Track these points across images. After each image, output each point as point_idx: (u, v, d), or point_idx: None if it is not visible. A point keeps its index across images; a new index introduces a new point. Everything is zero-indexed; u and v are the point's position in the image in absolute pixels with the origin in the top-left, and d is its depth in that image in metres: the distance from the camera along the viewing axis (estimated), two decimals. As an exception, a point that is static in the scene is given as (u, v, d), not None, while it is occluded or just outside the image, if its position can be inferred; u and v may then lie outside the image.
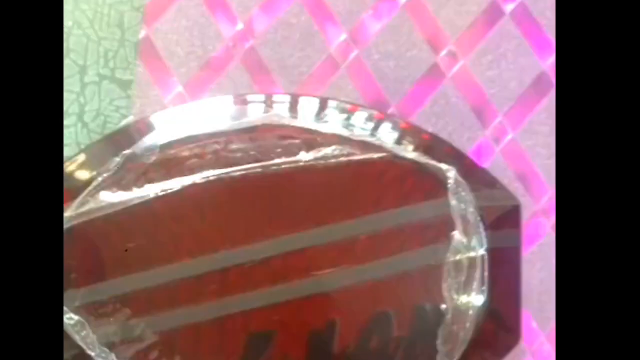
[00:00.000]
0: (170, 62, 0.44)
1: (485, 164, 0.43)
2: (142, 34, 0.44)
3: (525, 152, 0.44)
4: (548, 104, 0.44)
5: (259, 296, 0.34)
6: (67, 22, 0.44)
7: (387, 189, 0.37)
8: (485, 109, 0.44)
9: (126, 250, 0.33)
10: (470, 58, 0.45)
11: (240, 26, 0.45)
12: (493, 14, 0.45)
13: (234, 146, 0.37)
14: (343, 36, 0.45)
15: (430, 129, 0.42)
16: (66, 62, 0.44)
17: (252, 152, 0.36)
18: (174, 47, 0.44)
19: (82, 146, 0.43)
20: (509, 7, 0.45)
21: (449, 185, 0.36)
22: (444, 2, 0.45)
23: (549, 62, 0.45)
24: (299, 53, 0.44)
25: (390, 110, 0.44)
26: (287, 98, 0.39)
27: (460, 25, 0.45)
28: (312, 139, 0.37)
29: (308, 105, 0.39)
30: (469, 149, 0.43)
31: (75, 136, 0.43)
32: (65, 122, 0.43)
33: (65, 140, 0.43)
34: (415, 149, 0.37)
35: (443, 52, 0.45)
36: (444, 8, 0.45)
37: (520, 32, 0.45)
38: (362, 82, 0.44)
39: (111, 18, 0.45)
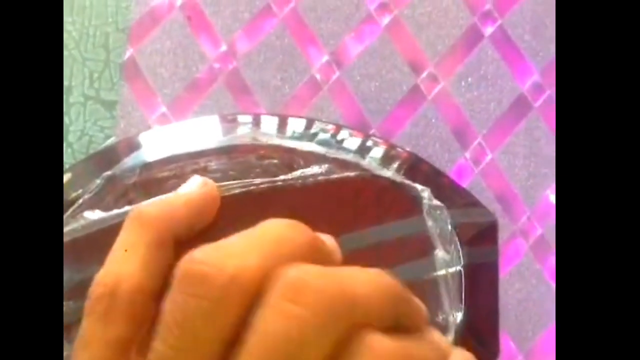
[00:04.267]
0: (155, 83, 0.45)
1: (465, 185, 0.44)
2: (127, 55, 0.45)
3: (504, 173, 0.45)
4: (526, 125, 0.45)
5: None
6: (53, 43, 0.45)
7: (364, 207, 0.37)
8: (464, 130, 0.45)
9: None
10: (450, 80, 0.46)
11: (223, 48, 0.45)
12: (472, 38, 0.46)
13: (213, 166, 0.37)
14: (325, 58, 0.46)
15: (410, 150, 0.43)
16: (51, 82, 0.44)
17: (231, 172, 0.37)
18: (158, 68, 0.45)
19: (67, 166, 0.43)
20: (488, 31, 0.46)
21: (424, 205, 0.36)
22: (425, 26, 0.46)
23: (528, 85, 0.46)
24: (281, 74, 0.45)
25: (371, 132, 0.44)
26: (269, 118, 0.40)
27: (440, 48, 0.46)
28: (291, 159, 0.38)
29: (289, 125, 0.39)
30: (449, 170, 0.44)
31: (59, 156, 0.44)
32: (49, 142, 0.43)
33: (49, 160, 0.43)
34: (394, 168, 0.38)
35: (424, 74, 0.46)
36: (425, 31, 0.46)
37: (499, 55, 0.46)
38: (344, 103, 0.45)
39: (96, 39, 0.45)
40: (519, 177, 0.44)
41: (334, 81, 0.45)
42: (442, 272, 0.36)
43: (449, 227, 0.37)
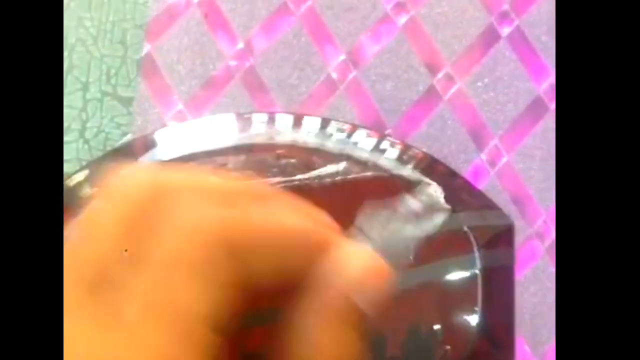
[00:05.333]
0: (172, 80, 0.45)
1: (481, 187, 0.43)
2: (144, 51, 0.45)
3: (520, 175, 0.44)
4: (543, 127, 0.45)
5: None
6: (71, 39, 0.45)
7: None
8: (481, 131, 0.45)
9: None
10: (466, 81, 0.45)
11: (240, 45, 0.45)
12: (489, 38, 0.46)
13: (230, 165, 0.37)
14: (342, 57, 0.46)
15: (426, 151, 0.43)
16: (69, 78, 0.44)
17: (248, 171, 0.37)
18: (175, 65, 0.45)
19: (84, 162, 0.43)
20: (505, 31, 0.46)
21: (439, 205, 0.36)
22: (442, 26, 0.46)
23: (544, 86, 0.45)
24: (298, 73, 0.45)
25: (387, 132, 0.44)
26: (285, 117, 0.40)
27: (457, 48, 0.46)
28: (307, 158, 0.38)
29: (305, 124, 0.39)
30: (464, 171, 0.44)
31: (77, 152, 0.44)
32: (66, 139, 0.44)
33: (67, 156, 0.43)
34: (410, 169, 0.38)
35: (440, 75, 0.45)
36: (441, 31, 0.46)
37: (517, 56, 0.46)
38: (360, 103, 0.45)
39: (114, 35, 0.45)
40: (535, 179, 0.44)
41: (350, 80, 0.45)
42: (456, 275, 0.36)
43: (466, 228, 0.37)
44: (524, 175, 0.44)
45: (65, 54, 0.45)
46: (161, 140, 0.40)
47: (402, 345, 0.35)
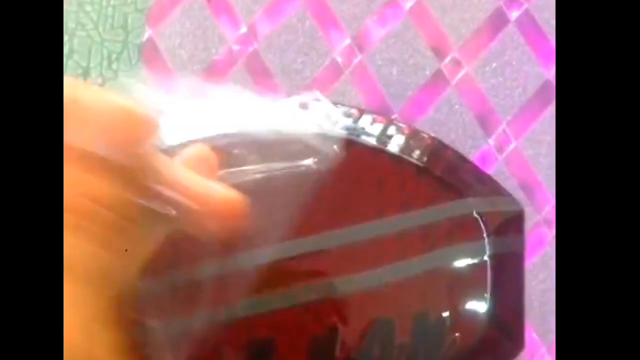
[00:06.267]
0: (173, 65, 0.44)
1: (488, 172, 0.43)
2: (145, 36, 0.44)
3: (528, 161, 0.44)
4: (551, 113, 0.44)
5: (260, 301, 0.33)
6: (71, 24, 0.44)
7: (388, 194, 0.36)
8: (488, 117, 0.44)
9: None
10: (474, 65, 0.45)
11: (243, 30, 0.45)
12: (498, 22, 0.45)
13: (235, 150, 0.36)
14: (347, 41, 0.45)
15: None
16: (70, 63, 0.44)
17: (251, 157, 0.36)
18: (177, 49, 0.44)
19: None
20: (514, 15, 0.45)
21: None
22: (449, 9, 0.45)
23: (553, 71, 0.45)
24: (302, 57, 0.44)
25: (393, 117, 0.43)
26: (291, 101, 0.39)
27: (464, 32, 0.45)
28: (312, 143, 0.37)
29: (310, 109, 0.39)
30: (472, 157, 0.43)
31: (77, 137, 0.43)
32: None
33: (67, 142, 0.43)
34: (419, 154, 0.37)
35: (447, 59, 0.45)
36: (449, 15, 0.45)
37: (525, 40, 0.45)
38: (365, 87, 0.44)
39: (115, 20, 0.45)
40: (544, 165, 0.43)
41: (356, 65, 0.44)
42: (465, 261, 0.35)
43: (475, 214, 0.36)
44: (532, 161, 0.44)
45: (65, 38, 0.44)
46: (163, 125, 0.39)
47: (411, 332, 0.34)
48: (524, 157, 0.44)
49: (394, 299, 0.35)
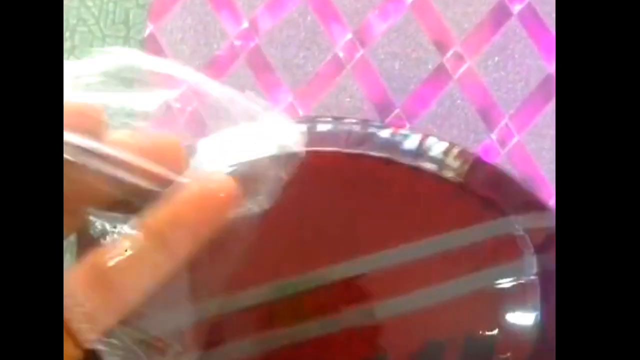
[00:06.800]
0: (175, 60, 0.44)
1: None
2: (147, 31, 0.44)
3: (531, 155, 0.44)
4: (554, 106, 0.44)
5: (306, 328, 0.33)
6: (72, 20, 0.44)
7: (430, 214, 0.36)
8: (491, 111, 0.44)
9: None
10: (476, 60, 0.44)
11: (245, 25, 0.45)
12: (500, 15, 0.45)
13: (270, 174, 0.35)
14: (349, 36, 0.45)
15: (435, 131, 0.42)
16: (70, 59, 0.44)
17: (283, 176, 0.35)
18: (178, 45, 0.44)
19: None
20: (516, 8, 0.45)
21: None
22: (451, 3, 0.45)
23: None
24: (304, 52, 0.44)
25: (395, 111, 0.43)
26: (324, 121, 0.38)
27: (466, 26, 0.45)
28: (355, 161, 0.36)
29: (344, 127, 0.37)
30: (474, 151, 0.43)
31: (79, 134, 0.43)
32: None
33: (69, 138, 0.43)
34: (459, 171, 0.36)
35: (449, 53, 0.44)
36: (451, 9, 0.45)
37: (528, 33, 0.45)
38: (367, 82, 0.44)
39: (116, 15, 0.44)
40: (547, 160, 0.43)
41: (358, 60, 0.44)
42: (514, 280, 0.34)
43: (521, 231, 0.35)
44: (535, 155, 0.44)
45: (66, 34, 0.44)
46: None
47: (461, 352, 0.34)
48: (526, 151, 0.44)
49: (443, 320, 0.34)
